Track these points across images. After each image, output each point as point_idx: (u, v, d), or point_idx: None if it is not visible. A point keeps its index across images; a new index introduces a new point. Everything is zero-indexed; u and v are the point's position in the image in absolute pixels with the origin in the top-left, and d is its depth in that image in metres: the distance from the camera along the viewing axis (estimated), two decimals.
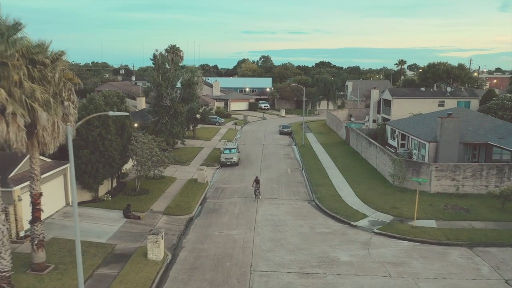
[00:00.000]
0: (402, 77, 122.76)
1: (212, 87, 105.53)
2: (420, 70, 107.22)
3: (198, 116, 57.23)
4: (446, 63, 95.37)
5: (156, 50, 39.11)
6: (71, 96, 18.39)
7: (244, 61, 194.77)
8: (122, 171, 35.12)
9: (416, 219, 26.26)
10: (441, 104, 56.20)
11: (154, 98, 40.70)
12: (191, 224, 26.74)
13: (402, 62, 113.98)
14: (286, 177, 38.46)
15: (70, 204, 28.07)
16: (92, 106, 27.49)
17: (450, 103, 55.57)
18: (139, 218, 26.55)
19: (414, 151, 41.30)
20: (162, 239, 21.19)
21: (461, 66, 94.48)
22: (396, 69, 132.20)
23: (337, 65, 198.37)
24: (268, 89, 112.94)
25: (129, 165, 35.72)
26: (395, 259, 21.76)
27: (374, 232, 25.51)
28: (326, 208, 29.53)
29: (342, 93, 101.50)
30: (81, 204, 28.45)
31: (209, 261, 21.40)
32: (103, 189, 30.47)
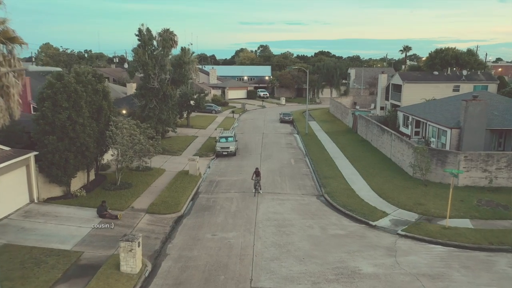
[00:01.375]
0: (406, 65, 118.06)
1: (208, 75, 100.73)
2: (423, 58, 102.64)
3: (192, 102, 52.66)
4: (454, 48, 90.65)
5: (142, 25, 34.47)
6: (13, 61, 13.84)
7: (242, 50, 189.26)
8: (103, 161, 30.68)
9: (448, 218, 21.93)
10: (456, 89, 51.69)
11: (140, 80, 36.13)
12: (179, 225, 22.36)
13: (407, 48, 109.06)
14: (290, 169, 34.06)
15: (36, 201, 23.64)
16: (60, 84, 22.90)
17: (466, 88, 51.09)
18: (116, 217, 22.14)
19: (432, 139, 36.88)
20: (138, 246, 16.79)
21: (470, 52, 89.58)
22: (400, 56, 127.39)
23: (336, 55, 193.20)
24: (267, 78, 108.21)
25: (109, 155, 31.22)
26: (430, 270, 17.43)
27: (398, 234, 21.19)
28: (338, 204, 25.18)
29: (344, 81, 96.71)
30: (49, 201, 24.04)
31: (198, 274, 17.04)
32: (78, 182, 26.03)
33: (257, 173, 27.32)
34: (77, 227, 20.90)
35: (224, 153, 38.22)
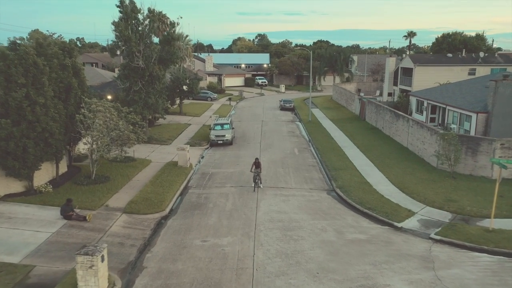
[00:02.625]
0: (409, 52, 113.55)
1: (204, 62, 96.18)
2: (425, 46, 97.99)
3: (185, 88, 48.36)
4: (462, 33, 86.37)
5: None
6: None
7: (239, 39, 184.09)
8: (80, 151, 26.54)
9: (490, 218, 17.92)
10: (472, 72, 47.54)
11: (124, 59, 31.77)
12: (162, 228, 18.29)
13: (411, 34, 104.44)
14: (294, 159, 29.97)
15: None
16: (14, 55, 18.61)
17: (483, 71, 46.91)
18: (84, 219, 18.03)
19: (453, 126, 32.82)
20: (102, 261, 12.71)
21: (479, 37, 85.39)
22: (404, 43, 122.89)
23: (336, 45, 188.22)
24: (265, 65, 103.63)
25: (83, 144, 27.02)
26: None
27: (432, 238, 17.19)
28: (354, 201, 21.14)
29: (347, 68, 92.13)
30: (6, 198, 19.90)
31: None
32: (44, 176, 21.88)
33: (257, 164, 23.24)
34: (34, 231, 16.80)
35: (219, 142, 34.07)
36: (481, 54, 48.85)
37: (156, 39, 35.97)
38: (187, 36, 73.21)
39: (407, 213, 19.54)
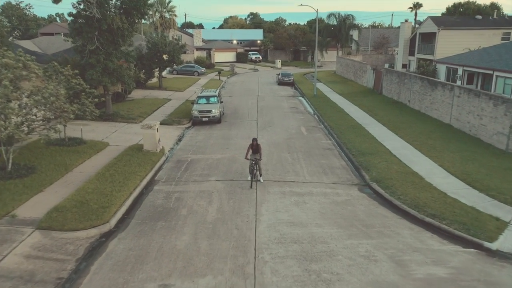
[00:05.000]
0: (415, 26, 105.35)
1: (192, 37, 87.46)
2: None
3: (165, 57, 40.31)
4: (475, 2, 78.69)
5: None
6: None
7: (231, 17, 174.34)
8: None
9: None
10: (506, 36, 40.00)
11: (74, 7, 23.67)
12: (98, 256, 10.77)
13: (417, 5, 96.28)
14: (302, 141, 22.49)
15: None
16: None
17: None
18: None
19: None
20: None
21: (494, 6, 77.71)
22: (409, 14, 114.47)
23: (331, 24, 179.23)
24: (259, 42, 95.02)
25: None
26: None
27: None
28: (405, 203, 13.76)
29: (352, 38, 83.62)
30: None
31: None
32: None
33: (254, 147, 15.72)
34: None
35: (203, 119, 26.39)
36: None
37: None
38: (169, 1, 64.85)
39: (496, 224, 12.24)
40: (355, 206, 13.90)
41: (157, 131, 19.35)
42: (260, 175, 16.01)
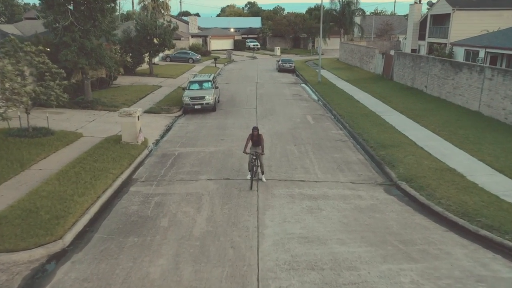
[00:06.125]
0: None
1: (188, 24, 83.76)
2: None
3: (155, 40, 36.99)
4: None
5: None
6: None
7: (228, 6, 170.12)
8: None
9: None
10: None
11: None
12: None
13: None
14: (309, 131, 19.39)
15: None
16: None
17: None
18: None
19: None
20: None
21: None
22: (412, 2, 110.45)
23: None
24: (257, 30, 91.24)
25: None
26: None
27: None
28: (448, 209, 10.70)
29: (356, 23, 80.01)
30: None
31: None
32: None
33: (255, 138, 12.63)
34: None
35: (196, 106, 23.22)
36: None
37: None
38: None
39: None
40: (384, 213, 10.86)
41: (138, 119, 16.20)
42: (262, 173, 12.93)
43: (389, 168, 13.87)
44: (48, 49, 16.85)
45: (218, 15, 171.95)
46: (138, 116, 16.17)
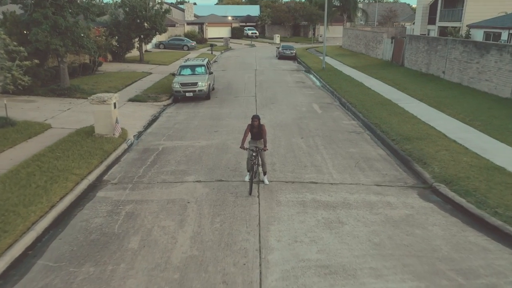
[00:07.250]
0: None
1: (184, 11, 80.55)
2: None
3: (146, 25, 34.11)
4: None
5: None
6: None
7: None
8: None
9: None
10: None
11: None
12: None
13: None
14: (317, 121, 16.74)
15: None
16: None
17: None
18: None
19: None
20: None
21: None
22: None
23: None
24: (256, 18, 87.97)
25: None
26: None
27: None
28: None
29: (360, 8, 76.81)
30: None
31: None
32: None
33: (255, 130, 9.98)
34: None
35: (187, 94, 20.49)
36: None
37: None
38: None
39: None
40: (426, 228, 8.25)
41: (115, 107, 13.52)
42: (265, 174, 10.30)
43: (420, 166, 11.25)
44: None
45: (216, 4, 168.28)
46: (115, 103, 13.49)
